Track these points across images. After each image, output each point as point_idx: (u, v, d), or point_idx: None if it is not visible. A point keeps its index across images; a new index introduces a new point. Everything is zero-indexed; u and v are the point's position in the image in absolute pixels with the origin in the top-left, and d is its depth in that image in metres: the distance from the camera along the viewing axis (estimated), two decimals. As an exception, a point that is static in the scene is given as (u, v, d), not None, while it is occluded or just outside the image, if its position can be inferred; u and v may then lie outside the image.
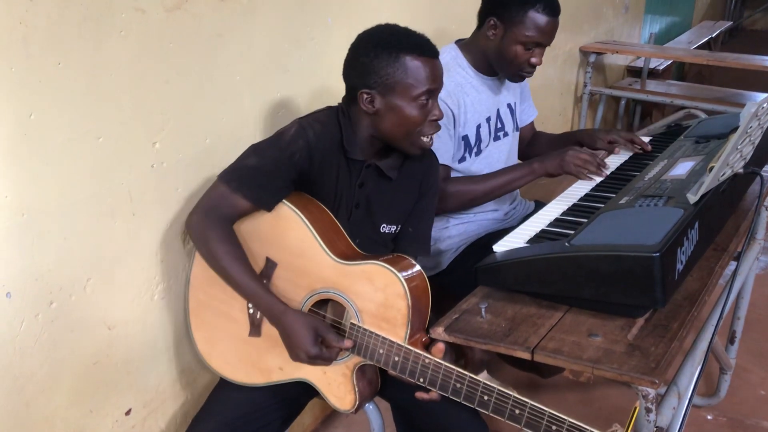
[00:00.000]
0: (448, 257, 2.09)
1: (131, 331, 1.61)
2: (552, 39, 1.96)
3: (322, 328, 1.46)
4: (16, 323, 1.36)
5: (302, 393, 1.58)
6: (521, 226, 1.69)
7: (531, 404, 1.27)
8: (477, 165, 2.05)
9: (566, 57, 4.01)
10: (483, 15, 1.99)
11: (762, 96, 4.23)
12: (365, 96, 1.52)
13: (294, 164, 1.51)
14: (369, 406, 1.73)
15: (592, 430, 1.21)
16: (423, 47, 1.52)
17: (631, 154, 2.11)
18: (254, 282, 1.48)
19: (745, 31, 9.78)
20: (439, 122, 1.89)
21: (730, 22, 7.86)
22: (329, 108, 1.62)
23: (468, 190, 1.98)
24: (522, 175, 1.98)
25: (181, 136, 1.61)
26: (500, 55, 1.95)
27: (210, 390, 1.67)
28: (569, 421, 1.23)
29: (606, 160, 2.02)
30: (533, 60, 1.94)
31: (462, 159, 2.02)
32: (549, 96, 3.89)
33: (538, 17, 1.89)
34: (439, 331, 1.45)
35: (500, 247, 1.59)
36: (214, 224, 1.50)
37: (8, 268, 1.32)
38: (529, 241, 1.59)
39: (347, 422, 2.40)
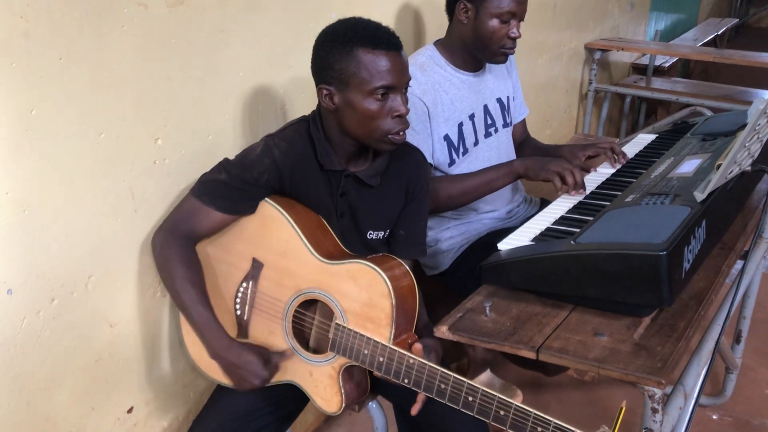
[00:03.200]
0: (449, 257, 2.07)
1: (133, 328, 1.60)
2: (525, 9, 1.91)
3: (262, 350, 1.51)
4: (17, 320, 1.35)
5: (297, 394, 1.57)
6: (526, 224, 1.68)
7: (516, 405, 1.24)
8: (466, 165, 2.00)
9: (571, 54, 3.98)
10: (451, 4, 1.96)
11: (768, 93, 4.21)
12: (324, 92, 1.48)
13: (263, 184, 1.52)
14: (372, 405, 1.72)
15: (578, 431, 1.19)
16: (378, 40, 1.44)
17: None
18: (205, 311, 1.49)
19: (751, 29, 9.73)
20: (416, 120, 1.87)
21: (737, 20, 7.81)
22: (300, 121, 1.59)
23: (443, 188, 1.92)
24: (501, 174, 1.91)
25: (184, 132, 1.60)
26: (477, 36, 1.91)
27: (212, 388, 1.66)
28: (554, 423, 1.21)
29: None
30: (512, 32, 1.90)
31: (451, 162, 1.97)
32: (554, 93, 3.87)
33: None
34: (443, 330, 1.44)
35: (505, 245, 1.57)
36: (176, 244, 1.50)
37: (9, 264, 1.31)
38: (534, 240, 1.57)
39: (350, 421, 2.39)
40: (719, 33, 6.45)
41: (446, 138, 1.96)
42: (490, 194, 1.98)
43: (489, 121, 2.07)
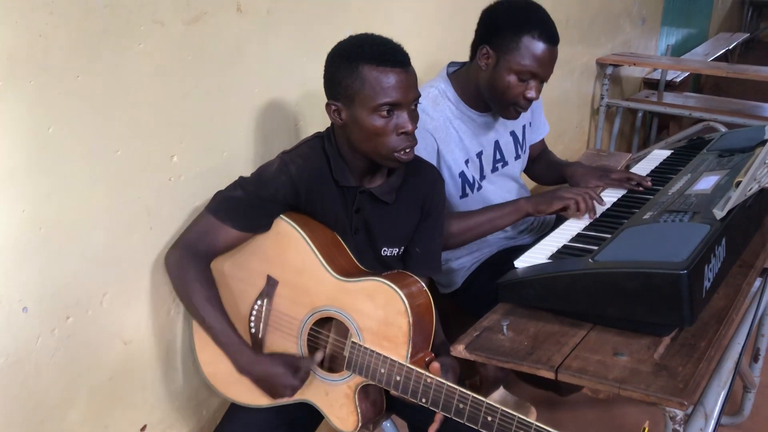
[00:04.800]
0: (461, 275, 2.05)
1: (147, 346, 1.59)
2: (549, 71, 1.80)
3: (290, 358, 1.49)
4: (32, 339, 1.34)
5: (312, 413, 1.55)
6: (542, 242, 1.66)
7: (536, 425, 1.22)
8: (475, 200, 1.95)
9: (583, 69, 3.98)
10: (476, 45, 1.87)
11: (782, 108, 4.19)
12: (332, 107, 1.48)
13: (280, 201, 1.51)
14: (386, 424, 1.70)
15: None
16: (383, 57, 1.43)
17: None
18: (227, 329, 1.49)
19: (762, 43, 9.71)
20: (427, 154, 1.81)
21: (747, 34, 7.81)
22: (315, 137, 1.59)
23: (447, 226, 1.80)
24: (506, 213, 1.85)
25: (199, 149, 1.60)
26: (492, 86, 1.81)
27: (225, 407, 1.64)
28: None
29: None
30: (529, 93, 1.79)
31: (464, 195, 1.94)
32: (566, 108, 3.86)
33: (534, 44, 1.74)
34: (459, 349, 1.42)
35: (521, 262, 1.56)
36: (191, 261, 1.49)
37: (26, 282, 1.31)
38: (551, 257, 1.56)
39: (363, 439, 2.36)
40: (730, 48, 6.44)
41: (461, 175, 1.91)
42: None
43: (498, 157, 2.01)
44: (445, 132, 1.88)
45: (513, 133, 2.06)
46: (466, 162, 1.94)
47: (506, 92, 1.80)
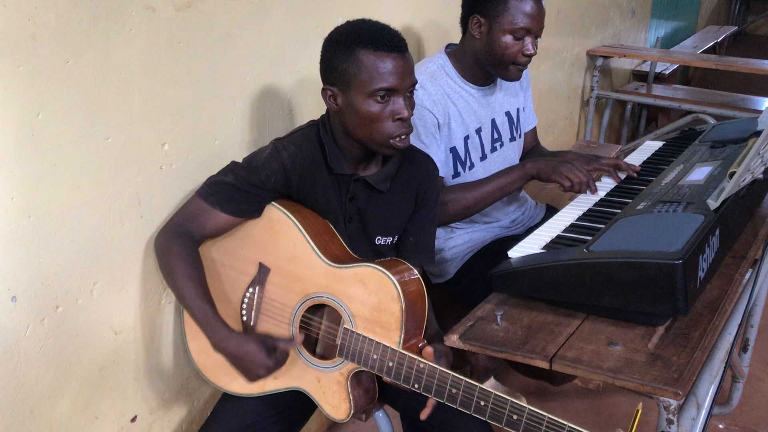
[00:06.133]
0: (454, 265, 2.05)
1: (138, 336, 1.58)
2: (541, 25, 1.86)
3: (267, 338, 1.45)
4: (21, 328, 1.32)
5: (304, 402, 1.54)
6: (536, 232, 1.66)
7: (529, 409, 1.22)
8: (470, 179, 1.97)
9: (573, 60, 3.98)
10: (465, 17, 1.92)
11: (768, 100, 4.22)
12: (328, 92, 1.48)
13: (271, 188, 1.50)
14: (379, 414, 1.69)
15: None
16: (380, 42, 1.42)
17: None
18: (204, 304, 1.45)
19: (749, 36, 9.77)
20: (424, 133, 1.85)
21: (735, 27, 7.84)
22: (309, 125, 1.58)
23: (459, 198, 1.89)
24: (513, 179, 1.90)
25: (191, 137, 1.58)
26: (490, 51, 1.86)
27: (217, 396, 1.63)
28: (569, 426, 1.19)
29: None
30: (527, 50, 1.84)
31: (455, 174, 1.96)
32: (556, 100, 3.86)
33: (522, 3, 1.81)
34: (453, 339, 1.41)
35: (515, 252, 1.55)
36: (179, 241, 1.47)
37: (15, 271, 1.29)
38: (544, 247, 1.55)
39: (354, 430, 2.36)
40: (718, 40, 6.47)
41: (453, 150, 1.93)
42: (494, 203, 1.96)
43: (495, 136, 2.04)
44: (444, 107, 1.89)
45: (508, 114, 2.07)
46: (466, 138, 1.95)
47: (505, 53, 1.85)
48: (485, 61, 1.90)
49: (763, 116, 1.87)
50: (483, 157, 2.01)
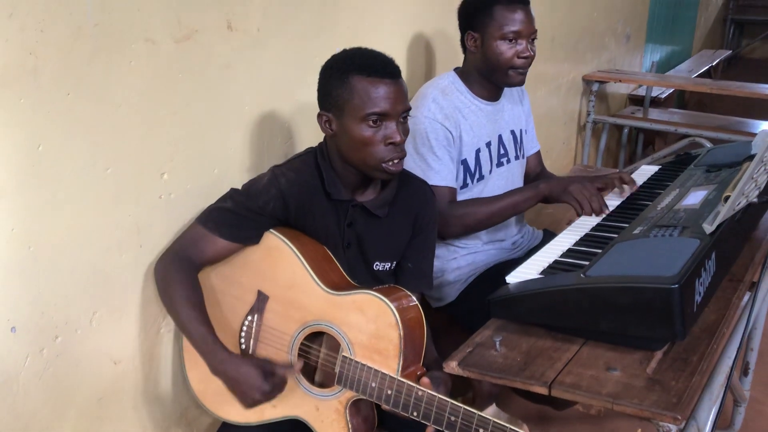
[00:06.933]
0: (456, 288, 2.06)
1: (137, 365, 1.58)
2: (530, 27, 1.94)
3: (265, 362, 1.45)
4: (20, 359, 1.33)
5: (305, 430, 1.53)
6: (533, 257, 1.66)
7: None
8: (477, 191, 2.03)
9: (569, 86, 4.01)
10: (462, 37, 2.02)
11: (764, 123, 4.24)
12: (323, 118, 1.51)
13: (269, 213, 1.52)
14: (378, 442, 1.69)
15: None
16: (372, 68, 1.46)
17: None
18: (202, 327, 1.45)
19: (744, 60, 9.83)
20: (437, 146, 1.90)
21: (729, 51, 7.91)
22: (307, 152, 1.61)
23: (472, 213, 1.94)
24: (526, 197, 1.95)
25: (190, 166, 1.60)
26: (487, 59, 1.95)
27: (215, 427, 1.63)
28: None
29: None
30: (522, 52, 1.92)
31: (464, 185, 2.01)
32: (553, 125, 3.89)
33: (505, 10, 1.91)
34: (452, 366, 1.41)
35: (513, 278, 1.56)
36: (179, 267, 1.49)
37: (14, 301, 1.30)
38: (542, 272, 1.56)
39: (354, 457, 2.34)
40: (713, 64, 6.52)
41: (464, 162, 1.98)
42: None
43: (502, 151, 2.09)
44: (456, 120, 1.95)
45: (512, 132, 2.13)
46: (478, 151, 2.00)
47: (500, 59, 1.94)
48: (486, 71, 1.99)
49: (756, 140, 1.88)
50: (491, 170, 2.06)
